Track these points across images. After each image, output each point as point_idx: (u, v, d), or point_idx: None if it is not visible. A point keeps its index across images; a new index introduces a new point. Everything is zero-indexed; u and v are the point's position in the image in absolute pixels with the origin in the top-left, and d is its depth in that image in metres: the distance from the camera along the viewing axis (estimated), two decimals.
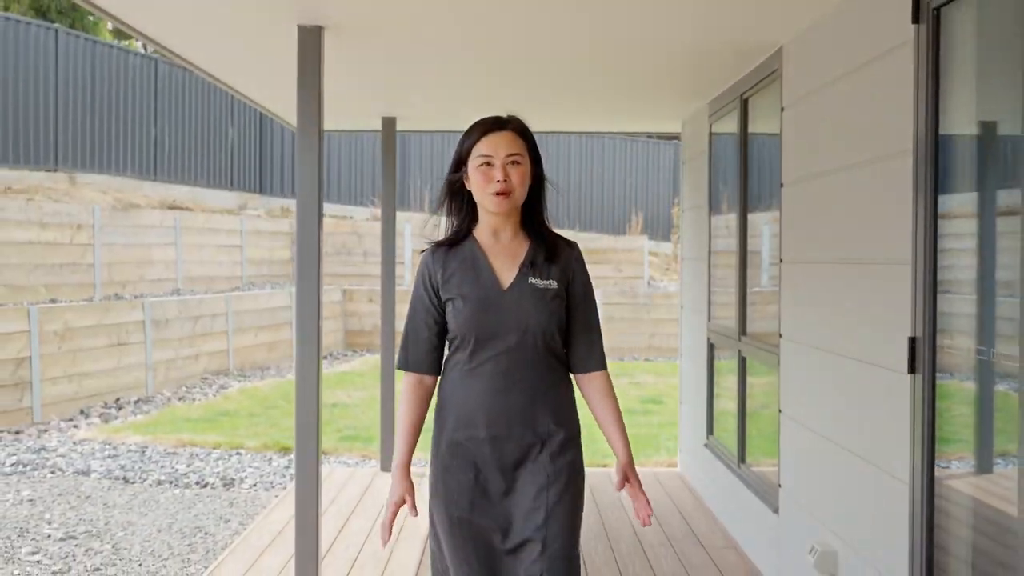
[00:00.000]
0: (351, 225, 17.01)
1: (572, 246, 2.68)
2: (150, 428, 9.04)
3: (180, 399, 10.80)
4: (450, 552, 2.56)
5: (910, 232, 3.00)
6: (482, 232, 2.63)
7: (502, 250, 2.61)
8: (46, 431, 8.87)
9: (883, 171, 3.25)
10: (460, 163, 2.61)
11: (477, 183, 2.56)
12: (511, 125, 2.59)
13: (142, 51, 15.80)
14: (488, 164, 2.54)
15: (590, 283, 2.67)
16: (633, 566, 4.78)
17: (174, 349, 11.44)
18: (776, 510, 4.49)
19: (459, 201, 2.65)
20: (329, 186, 18.66)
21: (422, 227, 17.77)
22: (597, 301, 2.79)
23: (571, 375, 2.67)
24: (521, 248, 2.62)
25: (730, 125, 5.49)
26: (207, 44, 4.64)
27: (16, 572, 5.16)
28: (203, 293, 13.26)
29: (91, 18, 17.98)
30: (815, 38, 3.97)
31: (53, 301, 10.64)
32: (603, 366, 2.66)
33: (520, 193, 2.57)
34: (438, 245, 2.65)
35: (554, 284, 2.57)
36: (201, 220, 14.43)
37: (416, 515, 2.58)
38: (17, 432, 8.74)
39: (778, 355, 4.47)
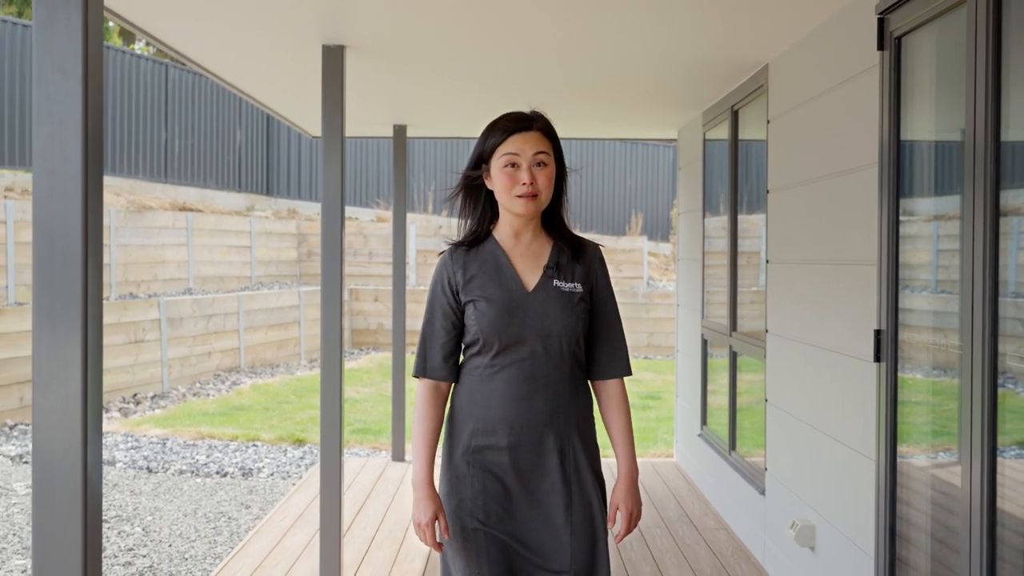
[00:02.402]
0: (356, 226, 17.39)
1: (596, 248, 2.57)
2: (169, 421, 9.42)
3: (195, 395, 11.18)
4: (462, 564, 2.43)
5: (876, 235, 3.37)
6: (502, 233, 2.51)
7: (524, 251, 2.50)
8: None
9: (853, 181, 3.62)
10: (481, 160, 2.48)
11: (502, 184, 2.43)
12: (538, 124, 2.47)
13: (152, 56, 16.18)
14: (514, 165, 2.42)
15: (611, 286, 2.57)
16: (631, 544, 5.15)
17: (188, 347, 11.81)
18: (763, 492, 4.85)
19: (476, 199, 2.53)
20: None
21: (435, 228, 17.95)
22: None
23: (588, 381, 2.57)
24: (543, 249, 2.51)
25: (722, 133, 5.86)
26: (236, 60, 5.00)
27: None
28: (214, 292, 13.65)
29: None
30: (796, 58, 4.34)
31: None
32: (624, 373, 2.55)
33: (547, 195, 2.45)
34: (457, 246, 2.52)
35: (579, 287, 2.47)
36: (212, 221, 14.81)
37: (448, 536, 2.44)
38: None
39: (764, 349, 4.84)
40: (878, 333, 3.36)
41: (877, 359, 3.36)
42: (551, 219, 2.54)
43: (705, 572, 4.75)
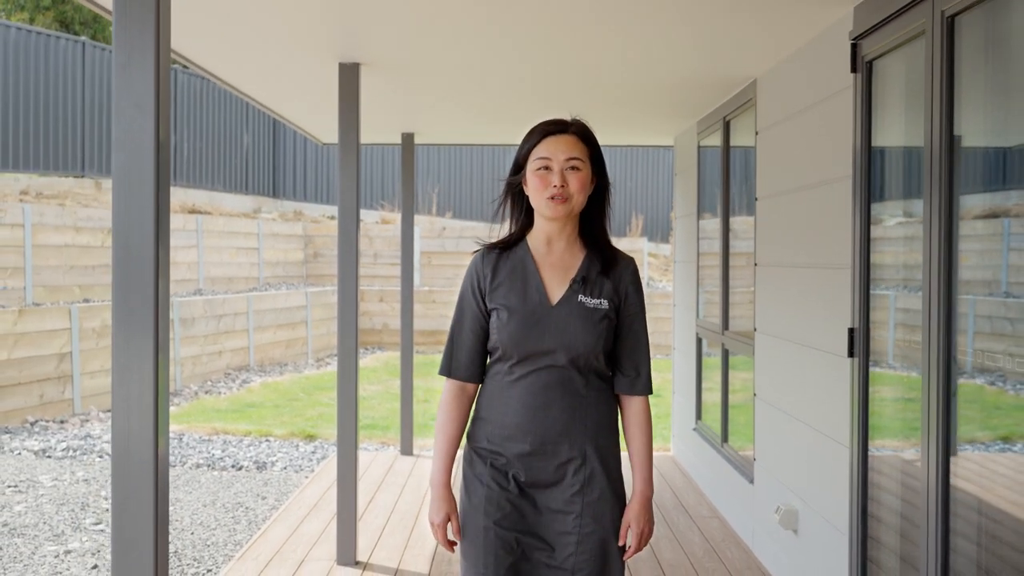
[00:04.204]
0: (362, 228, 17.71)
1: (629, 262, 2.54)
2: (183, 418, 9.74)
3: (207, 392, 11.51)
4: (471, 561, 2.46)
5: (849, 242, 3.69)
6: (536, 239, 2.51)
7: (555, 261, 2.49)
8: (87, 420, 9.58)
9: (830, 191, 3.94)
10: (519, 166, 2.49)
11: (534, 187, 2.44)
12: (573, 128, 2.48)
13: None
14: (546, 168, 2.42)
15: (643, 303, 2.54)
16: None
17: (200, 346, 12.14)
18: (751, 480, 5.17)
19: (518, 205, 2.54)
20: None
21: (439, 230, 18.24)
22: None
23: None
24: (575, 260, 2.49)
25: (716, 141, 6.18)
26: (257, 75, 5.32)
27: (84, 539, 5.86)
28: (224, 293, 13.98)
29: (112, 28, 18.68)
30: (781, 76, 4.66)
31: (86, 301, 11.33)
32: (647, 391, 2.52)
33: (578, 200, 2.44)
34: (490, 248, 2.53)
35: (604, 304, 2.45)
36: (221, 224, 15.14)
37: (460, 538, 2.49)
38: (62, 422, 9.45)
39: (753, 346, 5.15)
40: (851, 331, 3.67)
41: (851, 355, 3.68)
42: (589, 229, 2.53)
43: (697, 556, 5.06)
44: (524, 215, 2.54)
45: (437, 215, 19.55)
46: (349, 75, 4.84)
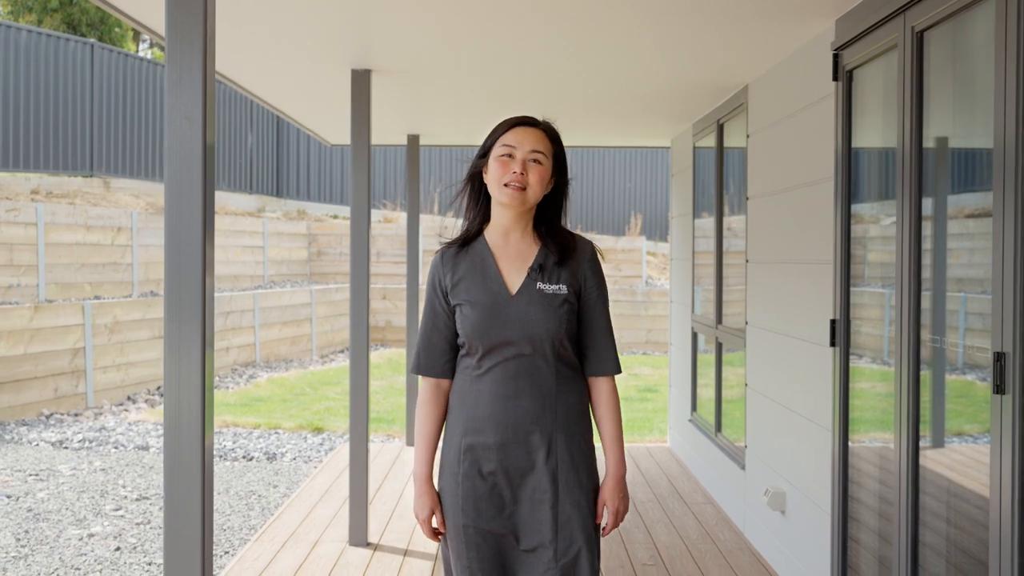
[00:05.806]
0: None
1: (587, 245, 2.58)
2: None
3: (215, 387, 11.78)
4: (454, 558, 2.51)
5: (831, 239, 3.95)
6: (493, 231, 2.55)
7: (511, 252, 2.53)
8: (101, 414, 9.85)
9: (814, 192, 4.20)
10: (484, 153, 2.54)
11: (494, 173, 2.48)
12: (541, 125, 2.56)
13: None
14: (509, 156, 2.47)
15: (604, 285, 2.58)
16: (626, 516, 5.72)
17: None
18: (743, 467, 5.43)
19: (475, 192, 2.58)
20: (343, 190, 19.67)
21: (441, 228, 18.50)
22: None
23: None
24: (531, 250, 2.53)
25: (710, 143, 6.44)
26: (272, 81, 5.58)
27: (105, 523, 6.12)
28: (230, 291, 14.24)
29: (118, 30, 18.92)
30: (770, 83, 4.92)
31: (97, 298, 11.59)
32: (613, 371, 2.58)
33: (534, 192, 2.48)
34: (448, 246, 2.58)
35: (564, 289, 2.49)
36: (226, 223, 15.39)
37: (445, 531, 2.53)
38: (76, 415, 9.72)
39: (744, 339, 5.42)
40: (833, 322, 3.93)
41: (832, 344, 3.94)
42: (545, 222, 2.57)
43: (691, 538, 5.33)
44: (482, 206, 2.58)
45: (438, 214, 19.80)
46: (361, 81, 5.10)
